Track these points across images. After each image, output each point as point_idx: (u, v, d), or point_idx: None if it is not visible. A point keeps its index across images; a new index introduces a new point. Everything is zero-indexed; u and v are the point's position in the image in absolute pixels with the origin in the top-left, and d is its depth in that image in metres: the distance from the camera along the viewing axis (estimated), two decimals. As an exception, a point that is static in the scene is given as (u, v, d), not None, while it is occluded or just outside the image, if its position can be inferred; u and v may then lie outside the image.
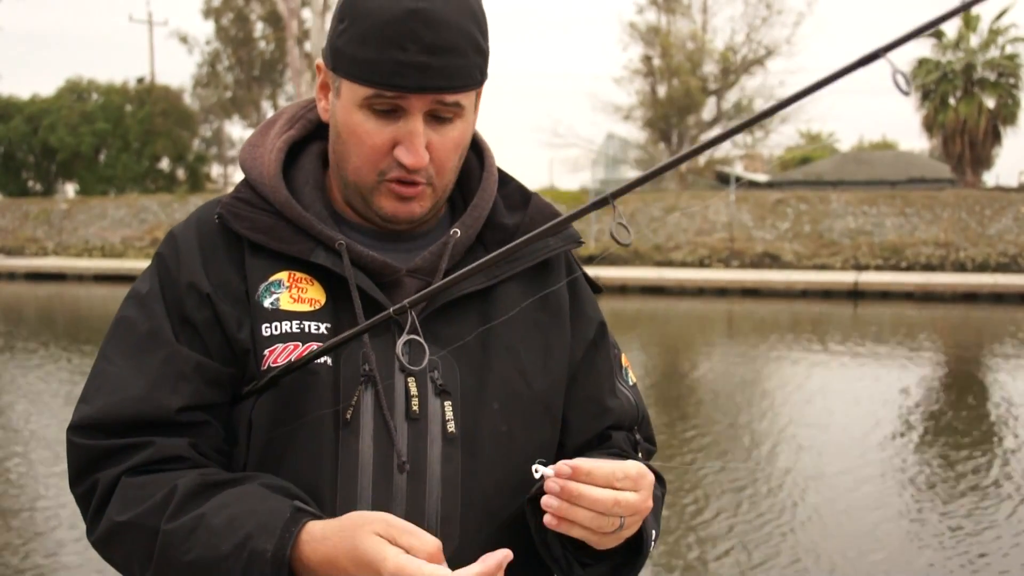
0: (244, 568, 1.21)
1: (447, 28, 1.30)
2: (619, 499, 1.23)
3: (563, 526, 1.24)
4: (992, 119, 32.05)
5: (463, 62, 1.33)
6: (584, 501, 1.22)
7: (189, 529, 1.25)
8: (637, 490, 1.26)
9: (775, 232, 27.38)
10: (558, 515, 1.22)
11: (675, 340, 17.30)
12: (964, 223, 26.32)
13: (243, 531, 1.23)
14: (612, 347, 1.60)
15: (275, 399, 1.36)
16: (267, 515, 1.24)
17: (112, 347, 1.40)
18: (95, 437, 1.34)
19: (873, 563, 5.96)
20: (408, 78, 1.30)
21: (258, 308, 1.38)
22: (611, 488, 1.24)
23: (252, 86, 46.96)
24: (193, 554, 1.24)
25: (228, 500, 1.28)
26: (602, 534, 1.26)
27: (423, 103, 1.33)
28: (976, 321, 19.53)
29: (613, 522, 1.24)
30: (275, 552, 1.20)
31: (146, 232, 33.12)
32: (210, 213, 1.45)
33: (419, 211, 1.41)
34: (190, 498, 1.28)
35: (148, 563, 1.29)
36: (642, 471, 1.28)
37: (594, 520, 1.23)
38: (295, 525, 1.23)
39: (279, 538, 1.21)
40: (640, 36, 39.03)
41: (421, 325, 1.38)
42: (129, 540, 1.30)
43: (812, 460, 8.46)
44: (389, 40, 1.29)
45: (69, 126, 40.70)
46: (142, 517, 1.28)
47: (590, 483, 1.23)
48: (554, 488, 1.22)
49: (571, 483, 1.21)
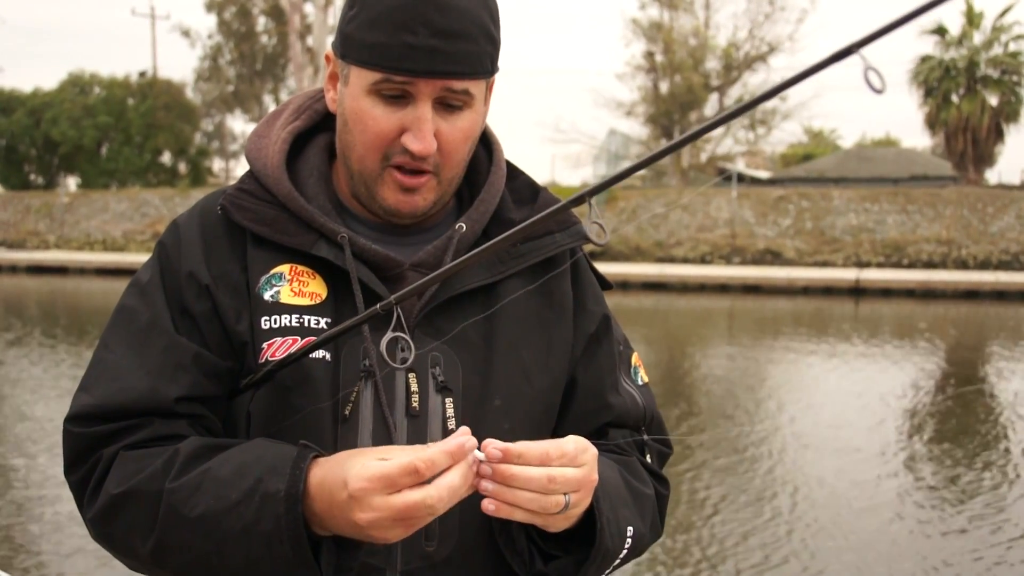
0: (257, 511, 1.19)
1: (458, 13, 1.29)
2: (554, 475, 1.18)
3: (503, 510, 1.19)
4: (995, 116, 32.00)
5: (474, 48, 1.31)
6: (518, 481, 1.17)
7: (195, 484, 1.24)
8: (577, 466, 1.22)
9: (777, 229, 27.37)
10: (496, 498, 1.18)
11: (676, 336, 17.29)
12: (966, 220, 26.31)
13: (252, 476, 1.22)
14: (618, 343, 1.57)
15: (274, 393, 1.35)
16: (275, 458, 1.23)
17: (112, 335, 1.39)
18: (93, 425, 1.32)
19: (873, 562, 5.95)
20: (418, 61, 1.29)
21: (258, 301, 1.36)
22: (546, 466, 1.19)
23: (254, 80, 46.97)
24: (201, 507, 1.22)
25: (232, 454, 1.27)
26: (548, 515, 1.21)
27: (432, 89, 1.31)
28: (977, 319, 19.52)
29: (557, 500, 1.20)
30: (288, 490, 1.19)
31: (147, 226, 33.13)
32: (213, 204, 1.43)
33: (422, 204, 1.39)
34: (193, 458, 1.27)
35: (151, 531, 1.26)
36: (582, 446, 1.23)
37: (534, 500, 1.19)
38: (304, 461, 1.21)
39: (290, 476, 1.20)
40: (643, 32, 39.01)
41: (423, 320, 1.38)
42: (130, 509, 1.27)
43: (812, 457, 8.45)
44: (399, 24, 1.28)
45: (71, 119, 40.71)
46: (143, 483, 1.26)
47: (523, 463, 1.19)
48: (486, 471, 1.18)
49: (503, 465, 1.17)
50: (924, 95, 32.72)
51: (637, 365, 1.61)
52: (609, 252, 27.06)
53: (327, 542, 1.23)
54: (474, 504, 1.23)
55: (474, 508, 1.30)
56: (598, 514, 1.30)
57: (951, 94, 32.32)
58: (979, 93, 32.11)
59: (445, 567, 1.36)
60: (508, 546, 1.36)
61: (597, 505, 1.30)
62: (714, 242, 27.19)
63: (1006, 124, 32.38)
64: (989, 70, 32.35)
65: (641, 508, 1.44)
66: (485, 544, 1.38)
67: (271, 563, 1.21)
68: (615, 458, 1.47)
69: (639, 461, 1.51)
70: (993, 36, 32.48)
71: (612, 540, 1.34)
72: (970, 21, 32.64)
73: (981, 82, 32.29)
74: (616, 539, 1.35)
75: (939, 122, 32.44)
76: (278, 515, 1.19)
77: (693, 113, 38.81)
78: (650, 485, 1.50)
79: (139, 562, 1.32)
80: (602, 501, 1.31)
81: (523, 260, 1.44)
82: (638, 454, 1.53)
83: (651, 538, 1.50)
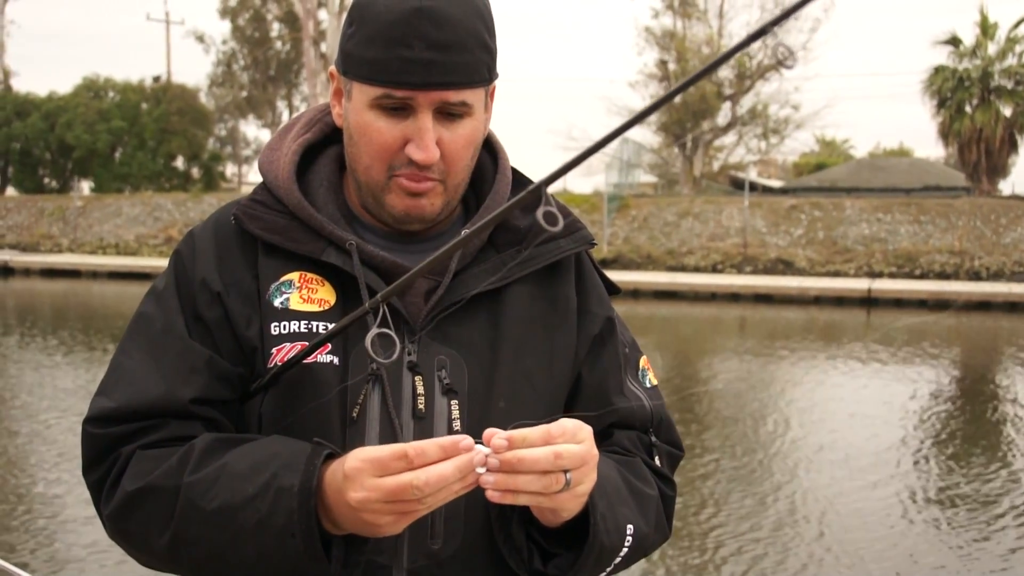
0: (271, 506, 1.23)
1: (452, 26, 1.33)
2: (560, 451, 1.19)
3: (508, 497, 1.19)
4: (1008, 127, 31.89)
5: (469, 59, 1.35)
6: (525, 465, 1.18)
7: (213, 478, 1.28)
8: (578, 442, 1.22)
9: (788, 238, 27.30)
10: (499, 488, 1.18)
11: (687, 345, 17.28)
12: (979, 231, 26.21)
13: (268, 472, 1.25)
14: (623, 345, 1.59)
15: (283, 396, 1.39)
16: (290, 455, 1.27)
17: (130, 341, 1.44)
18: (111, 426, 1.37)
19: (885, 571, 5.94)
20: (414, 75, 1.33)
21: (268, 307, 1.41)
22: (550, 445, 1.20)
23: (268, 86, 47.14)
24: (218, 501, 1.26)
25: (249, 448, 1.31)
26: (550, 495, 1.21)
27: (431, 100, 1.35)
28: (990, 329, 19.45)
29: (558, 478, 1.20)
30: (301, 485, 1.22)
31: (160, 230, 33.24)
32: (228, 214, 1.49)
33: (430, 209, 1.42)
34: (209, 453, 1.31)
35: (168, 525, 1.29)
36: (577, 424, 1.24)
37: (537, 481, 1.19)
38: (317, 458, 1.25)
39: (304, 472, 1.23)
40: (656, 41, 39.03)
41: (433, 328, 1.41)
42: (147, 505, 1.31)
43: (824, 467, 8.44)
44: (395, 39, 1.32)
45: (85, 124, 40.88)
46: (160, 479, 1.30)
47: (528, 447, 1.19)
48: (495, 464, 1.18)
49: (509, 452, 1.18)
50: (937, 105, 32.64)
51: (646, 368, 1.63)
52: (620, 260, 27.03)
53: (338, 540, 1.26)
54: (479, 502, 1.25)
55: (479, 506, 1.32)
56: (592, 509, 1.31)
57: (965, 104, 32.24)
58: (993, 104, 32.02)
59: (450, 565, 1.38)
60: (507, 544, 1.38)
61: (592, 501, 1.31)
62: (726, 251, 27.13)
63: (1020, 135, 32.27)
64: (1003, 81, 32.26)
65: (643, 508, 1.45)
66: (490, 542, 1.40)
67: (283, 557, 1.24)
68: (616, 458, 1.48)
69: (644, 462, 1.52)
70: (1007, 47, 32.39)
71: (609, 536, 1.34)
72: (984, 32, 32.56)
73: (995, 93, 32.20)
74: (614, 536, 1.36)
75: (952, 132, 32.34)
76: (291, 510, 1.22)
77: (706, 122, 38.78)
78: (654, 486, 1.51)
79: (154, 557, 1.36)
80: (598, 497, 1.32)
81: (529, 265, 1.47)
82: (645, 456, 1.54)
83: (657, 539, 1.50)
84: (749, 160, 44.43)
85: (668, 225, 28.29)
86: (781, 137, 41.18)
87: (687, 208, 28.92)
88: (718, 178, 41.89)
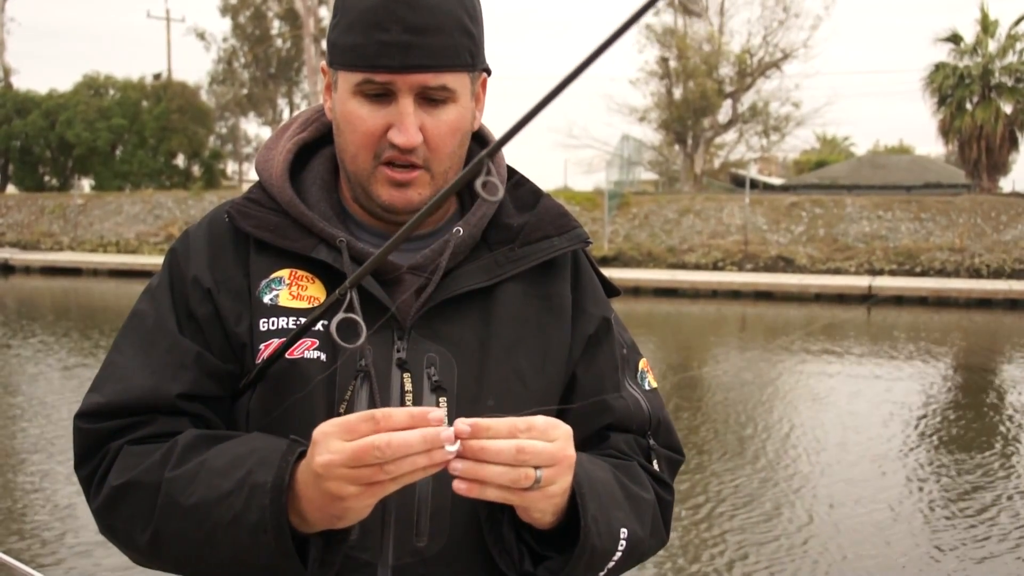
0: (245, 502, 1.23)
1: (430, 9, 1.34)
2: (523, 446, 1.17)
3: (475, 489, 1.18)
4: (1009, 124, 31.86)
5: (448, 41, 1.35)
6: (488, 454, 1.16)
7: (192, 474, 1.28)
8: (549, 440, 1.21)
9: (789, 236, 27.31)
10: (466, 476, 1.17)
11: (688, 342, 17.27)
12: (979, 229, 26.21)
13: (244, 468, 1.26)
14: (621, 346, 1.57)
15: (270, 393, 1.39)
16: (267, 451, 1.27)
17: (123, 338, 1.46)
18: (101, 422, 1.38)
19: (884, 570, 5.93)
20: (393, 58, 1.34)
21: (258, 304, 1.41)
22: (514, 438, 1.18)
23: (268, 83, 47.12)
24: (196, 497, 1.27)
25: (229, 445, 1.31)
26: (519, 490, 1.20)
27: (410, 84, 1.36)
28: (990, 327, 19.44)
29: (527, 473, 1.18)
30: (274, 482, 1.22)
31: (161, 228, 33.24)
32: (222, 213, 1.50)
33: (417, 199, 1.42)
34: (190, 449, 1.31)
35: (149, 520, 1.30)
36: (552, 422, 1.22)
37: (504, 474, 1.17)
38: (291, 455, 1.25)
39: (277, 468, 1.24)
40: (656, 38, 38.95)
41: (420, 322, 1.41)
42: (131, 500, 1.32)
43: (823, 465, 8.44)
44: (373, 24, 1.34)
45: (86, 121, 40.87)
46: (143, 475, 1.31)
47: (492, 437, 1.18)
48: (460, 450, 1.17)
49: (472, 440, 1.16)
50: (938, 103, 32.61)
51: (645, 370, 1.61)
52: (621, 258, 27.04)
53: (315, 539, 1.26)
54: (466, 500, 1.24)
55: (466, 505, 1.31)
56: (583, 511, 1.30)
57: (965, 102, 32.20)
58: (993, 101, 31.99)
59: (436, 563, 1.37)
60: (497, 544, 1.36)
61: (582, 502, 1.30)
62: (726, 248, 27.12)
63: (1020, 132, 32.24)
64: (1003, 78, 32.22)
65: (638, 511, 1.43)
66: (477, 541, 1.39)
67: (256, 554, 1.24)
68: (612, 461, 1.46)
69: (641, 466, 1.50)
70: (1008, 44, 32.35)
71: (601, 540, 1.33)
72: (985, 29, 32.52)
73: (995, 90, 32.17)
74: (606, 540, 1.34)
75: (953, 130, 32.32)
76: (263, 506, 1.22)
77: (707, 119, 38.76)
78: (650, 490, 1.48)
79: (139, 553, 1.37)
80: (588, 499, 1.31)
81: (521, 263, 1.46)
82: (643, 459, 1.52)
83: (653, 544, 1.48)
84: (750, 157, 44.38)
85: (669, 222, 28.29)
86: (782, 134, 41.11)
87: (688, 205, 28.92)
88: (719, 175, 41.86)
